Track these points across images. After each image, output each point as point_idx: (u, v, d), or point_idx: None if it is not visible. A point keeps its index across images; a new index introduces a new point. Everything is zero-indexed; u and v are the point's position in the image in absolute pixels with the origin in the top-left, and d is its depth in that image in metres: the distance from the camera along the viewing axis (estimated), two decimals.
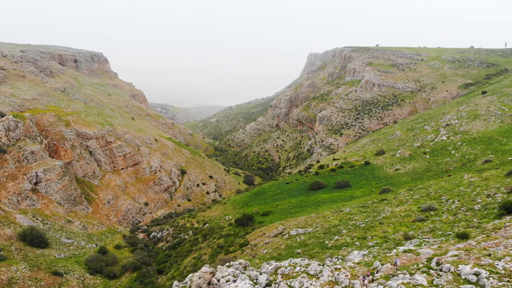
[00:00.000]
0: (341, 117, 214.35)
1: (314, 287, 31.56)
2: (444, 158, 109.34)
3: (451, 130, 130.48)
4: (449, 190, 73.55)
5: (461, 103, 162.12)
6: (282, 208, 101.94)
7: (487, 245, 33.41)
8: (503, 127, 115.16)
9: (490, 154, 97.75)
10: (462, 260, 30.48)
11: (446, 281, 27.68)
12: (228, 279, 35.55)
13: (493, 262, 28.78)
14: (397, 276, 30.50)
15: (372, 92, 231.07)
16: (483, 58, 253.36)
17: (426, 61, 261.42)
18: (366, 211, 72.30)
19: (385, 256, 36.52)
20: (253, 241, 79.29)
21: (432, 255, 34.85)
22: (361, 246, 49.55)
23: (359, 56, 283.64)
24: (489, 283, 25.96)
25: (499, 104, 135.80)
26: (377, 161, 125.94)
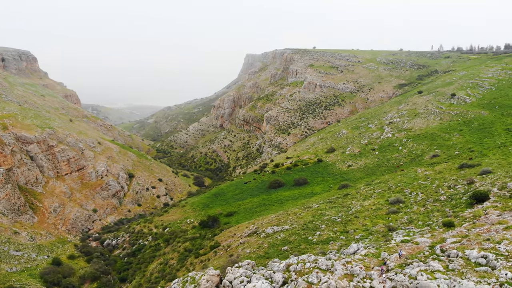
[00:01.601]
0: (287, 117, 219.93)
1: (333, 280, 32.65)
2: (393, 154, 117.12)
3: (395, 127, 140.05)
4: (409, 183, 79.25)
5: (400, 102, 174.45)
6: (246, 208, 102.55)
7: (480, 231, 36.95)
8: (443, 124, 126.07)
9: (436, 149, 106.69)
10: (466, 246, 33.44)
11: (460, 265, 30.27)
12: (242, 279, 35.45)
13: (495, 245, 32.00)
14: (411, 264, 32.64)
15: (315, 93, 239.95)
16: (414, 60, 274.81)
17: (363, 63, 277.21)
18: (335, 206, 75.34)
19: (387, 247, 38.71)
20: (224, 242, 79.06)
21: (432, 243, 37.72)
22: (348, 240, 51.85)
23: (300, 58, 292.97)
24: (499, 264, 28.87)
25: (436, 103, 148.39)
26: (329, 158, 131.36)
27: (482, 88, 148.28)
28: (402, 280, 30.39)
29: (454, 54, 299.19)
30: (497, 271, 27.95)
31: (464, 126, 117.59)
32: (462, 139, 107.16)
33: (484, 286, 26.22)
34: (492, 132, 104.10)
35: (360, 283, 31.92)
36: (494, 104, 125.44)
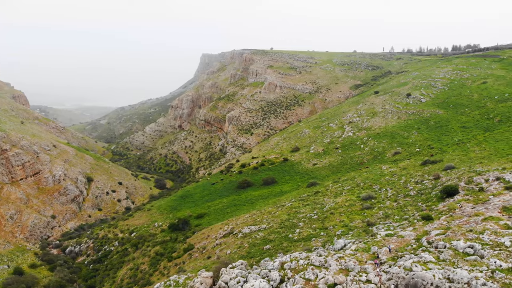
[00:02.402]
0: (249, 117, 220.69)
1: (330, 276, 33.34)
2: (355, 152, 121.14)
3: (355, 126, 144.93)
4: (376, 180, 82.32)
5: (358, 102, 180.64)
6: (216, 209, 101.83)
7: (460, 223, 39.24)
8: (401, 122, 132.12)
9: (397, 146, 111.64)
10: (451, 237, 35.39)
11: (450, 255, 32.03)
12: (238, 280, 35.29)
13: (479, 236, 34.15)
14: (403, 257, 34.09)
15: (275, 93, 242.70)
16: (368, 61, 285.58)
17: (320, 64, 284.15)
18: (308, 204, 76.77)
19: (375, 242, 40.14)
20: (198, 245, 78.16)
21: (417, 236, 39.59)
22: (329, 236, 53.06)
23: (260, 58, 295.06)
24: (486, 253, 30.88)
25: (393, 103, 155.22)
26: (294, 157, 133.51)
27: (435, 88, 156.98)
28: (397, 272, 31.64)
29: (405, 55, 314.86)
30: (486, 260, 29.89)
31: (422, 124, 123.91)
32: (421, 137, 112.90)
33: (477, 274, 27.96)
34: (448, 129, 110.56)
35: (357, 277, 32.83)
36: (448, 103, 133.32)
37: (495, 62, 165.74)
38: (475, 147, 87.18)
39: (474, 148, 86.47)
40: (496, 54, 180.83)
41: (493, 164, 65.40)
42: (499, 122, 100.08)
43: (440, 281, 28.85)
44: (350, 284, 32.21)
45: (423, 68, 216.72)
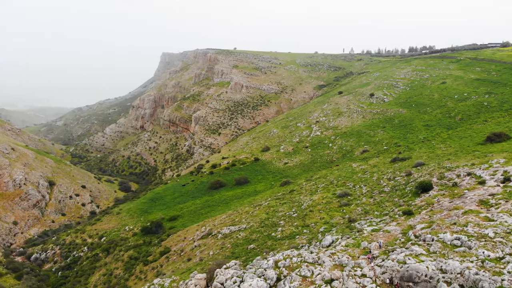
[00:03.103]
0: (216, 117, 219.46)
1: (327, 272, 33.92)
2: (324, 150, 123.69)
3: (322, 126, 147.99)
4: (349, 177, 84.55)
5: (323, 102, 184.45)
6: (189, 211, 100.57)
7: (442, 217, 41.18)
8: (366, 121, 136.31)
9: (364, 145, 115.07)
10: (437, 230, 37.07)
11: (439, 248, 33.55)
12: (235, 280, 35.15)
13: (463, 228, 35.99)
14: (395, 250, 35.30)
15: (242, 93, 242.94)
16: (330, 62, 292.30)
17: (284, 65, 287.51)
18: (285, 202, 77.53)
19: (363, 237, 41.24)
20: (175, 247, 76.90)
21: (402, 230, 41.11)
22: (312, 233, 53.90)
23: (225, 58, 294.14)
24: (473, 244, 32.62)
25: (357, 102, 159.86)
26: (265, 157, 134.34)
27: (397, 88, 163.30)
28: (391, 266, 32.71)
29: (365, 56, 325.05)
30: (474, 250, 31.57)
31: (386, 123, 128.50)
32: (387, 135, 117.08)
33: (468, 264, 29.50)
34: (412, 128, 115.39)
35: (352, 272, 33.61)
36: (411, 102, 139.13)
37: (453, 63, 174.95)
38: (440, 144, 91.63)
39: (439, 145, 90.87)
40: (453, 55, 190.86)
41: (461, 160, 69.08)
42: (461, 120, 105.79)
43: (433, 272, 30.16)
44: (347, 279, 32.95)
45: (383, 69, 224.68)
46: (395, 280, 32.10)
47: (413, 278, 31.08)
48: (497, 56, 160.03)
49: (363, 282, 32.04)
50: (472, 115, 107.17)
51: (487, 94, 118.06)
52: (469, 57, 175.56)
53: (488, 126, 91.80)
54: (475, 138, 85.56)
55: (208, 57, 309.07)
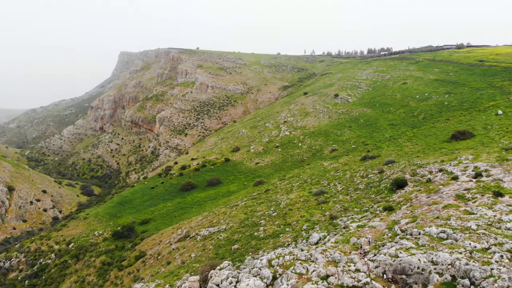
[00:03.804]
0: (182, 118, 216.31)
1: (322, 268, 34.55)
2: (294, 150, 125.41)
3: (291, 126, 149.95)
4: (322, 176, 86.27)
5: (289, 103, 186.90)
6: (161, 214, 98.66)
7: (423, 212, 43.08)
8: (332, 121, 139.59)
9: (333, 144, 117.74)
10: (422, 225, 38.74)
11: (427, 241, 35.12)
12: (231, 280, 34.99)
13: (446, 222, 37.85)
14: (385, 245, 36.53)
15: (207, 94, 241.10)
16: (293, 63, 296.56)
17: (249, 66, 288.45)
18: (263, 202, 77.91)
19: (350, 233, 42.33)
20: (151, 251, 75.22)
21: (387, 225, 42.61)
22: (295, 231, 54.56)
23: (188, 58, 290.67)
24: (459, 236, 34.41)
25: (323, 103, 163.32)
26: (236, 157, 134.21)
27: (360, 89, 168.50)
28: (384, 260, 33.85)
29: (326, 58, 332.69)
30: (461, 242, 33.32)
31: (352, 123, 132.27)
32: (354, 134, 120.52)
33: (458, 255, 31.10)
34: (378, 127, 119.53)
35: (346, 267, 34.46)
36: (374, 102, 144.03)
37: (412, 64, 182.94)
38: (407, 142, 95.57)
39: (406, 143, 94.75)
40: (412, 57, 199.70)
41: (430, 157, 72.46)
42: (424, 119, 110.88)
43: (425, 264, 31.57)
44: (342, 274, 33.74)
45: (345, 70, 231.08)
46: (388, 273, 33.29)
47: (406, 271, 32.38)
48: (453, 58, 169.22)
49: (357, 277, 32.97)
50: (434, 114, 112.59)
51: (447, 94, 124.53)
52: (427, 58, 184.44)
53: (451, 124, 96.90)
54: (440, 136, 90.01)
55: (171, 56, 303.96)
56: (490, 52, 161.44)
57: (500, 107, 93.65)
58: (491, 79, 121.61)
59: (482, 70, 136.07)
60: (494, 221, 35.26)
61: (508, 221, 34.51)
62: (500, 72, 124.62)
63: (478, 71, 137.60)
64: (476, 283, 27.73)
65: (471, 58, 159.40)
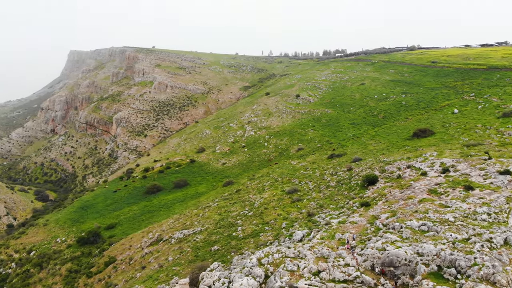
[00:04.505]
0: (141, 119, 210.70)
1: (313, 264, 35.30)
2: (261, 150, 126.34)
3: (255, 126, 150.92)
4: (292, 174, 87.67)
5: (252, 103, 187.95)
6: (128, 218, 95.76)
7: (401, 206, 45.16)
8: (296, 121, 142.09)
9: (298, 143, 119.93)
10: (402, 219, 40.62)
11: (410, 234, 36.92)
12: (223, 281, 34.86)
13: (425, 215, 39.95)
14: (371, 239, 37.96)
15: (167, 93, 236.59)
16: (253, 64, 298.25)
17: (208, 65, 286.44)
18: (236, 202, 77.96)
19: (333, 229, 43.53)
20: (121, 256, 72.94)
21: (368, 220, 44.24)
22: (274, 230, 55.12)
23: (145, 57, 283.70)
24: (439, 228, 36.45)
25: (285, 103, 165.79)
26: (201, 158, 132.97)
27: (320, 90, 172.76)
28: (372, 253, 35.21)
29: (284, 59, 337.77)
30: (442, 234, 35.34)
31: (315, 122, 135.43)
32: (318, 134, 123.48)
33: (442, 246, 33.00)
34: (340, 126, 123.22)
35: (335, 262, 35.47)
36: (335, 103, 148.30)
37: (368, 65, 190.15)
38: (370, 140, 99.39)
39: (370, 141, 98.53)
40: (368, 58, 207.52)
41: (395, 154, 75.87)
42: (384, 118, 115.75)
43: (412, 256, 33.19)
44: (333, 269, 34.70)
45: (304, 71, 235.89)
46: (376, 266, 34.63)
47: (394, 263, 33.88)
48: (407, 59, 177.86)
49: (348, 271, 34.04)
50: (393, 113, 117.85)
51: (403, 94, 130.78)
52: (382, 60, 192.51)
53: (411, 123, 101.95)
54: (401, 134, 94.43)
55: (127, 55, 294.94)
56: (442, 54, 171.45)
57: (456, 106, 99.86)
58: (444, 80, 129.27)
59: (435, 71, 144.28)
60: (469, 213, 37.73)
61: (483, 213, 37.08)
62: (453, 73, 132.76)
63: (431, 72, 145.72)
64: (462, 271, 29.58)
65: (423, 59, 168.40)
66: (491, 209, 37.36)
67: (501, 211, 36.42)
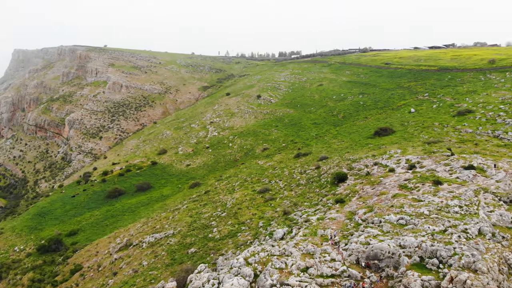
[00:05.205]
0: (95, 120, 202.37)
1: (300, 260, 36.02)
2: (226, 150, 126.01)
3: (218, 126, 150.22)
4: (261, 174, 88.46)
5: (213, 103, 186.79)
6: (90, 223, 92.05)
7: (376, 201, 47.14)
8: (259, 121, 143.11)
9: (263, 143, 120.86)
10: (380, 213, 42.48)
11: (390, 227, 38.74)
12: (213, 283, 34.71)
13: (401, 209, 42.04)
14: (353, 234, 39.35)
15: (122, 94, 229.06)
16: (211, 64, 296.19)
17: (164, 65, 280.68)
18: (206, 203, 77.43)
19: (314, 226, 44.59)
20: (88, 263, 70.12)
21: (346, 216, 45.76)
22: (251, 229, 55.45)
23: (98, 56, 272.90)
24: (417, 221, 38.54)
25: (247, 104, 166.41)
26: (163, 160, 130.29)
27: (280, 90, 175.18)
28: (356, 248, 36.56)
29: (242, 60, 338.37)
30: (421, 226, 37.39)
31: (278, 122, 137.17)
32: (281, 133, 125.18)
33: (422, 238, 34.91)
34: (302, 126, 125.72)
35: (322, 258, 36.48)
36: (295, 103, 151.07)
37: (325, 67, 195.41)
38: (333, 139, 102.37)
39: (333, 140, 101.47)
40: (324, 60, 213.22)
41: (359, 152, 78.83)
42: (344, 118, 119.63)
43: (395, 249, 34.89)
44: (320, 265, 35.68)
45: (263, 72, 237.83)
46: (361, 260, 36.01)
47: (378, 256, 35.44)
48: (362, 61, 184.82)
49: (335, 266, 35.18)
50: (352, 113, 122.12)
51: (360, 94, 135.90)
52: (338, 61, 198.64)
53: (370, 122, 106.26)
54: (362, 133, 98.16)
55: (78, 54, 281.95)
56: (394, 56, 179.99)
57: (411, 105, 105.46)
58: (398, 80, 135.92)
59: (389, 72, 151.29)
60: (442, 206, 40.23)
61: (455, 206, 39.69)
62: (406, 74, 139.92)
63: (385, 73, 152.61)
64: (444, 261, 31.52)
65: (377, 61, 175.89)
66: (462, 202, 40.07)
67: (471, 204, 39.16)
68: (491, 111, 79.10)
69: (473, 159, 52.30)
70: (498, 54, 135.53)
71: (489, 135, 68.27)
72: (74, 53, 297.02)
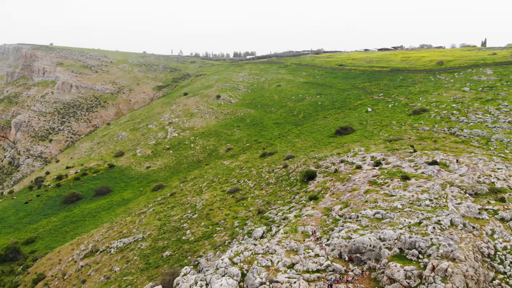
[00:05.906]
0: (43, 122, 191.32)
1: (286, 258, 36.78)
2: (188, 151, 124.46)
3: (178, 127, 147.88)
4: (228, 174, 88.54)
5: (170, 104, 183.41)
6: (48, 230, 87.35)
7: (350, 197, 49.02)
8: (220, 122, 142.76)
9: (226, 143, 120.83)
10: (356, 209, 44.30)
11: (368, 222, 40.62)
12: (201, 284, 34.56)
13: (375, 204, 44.10)
14: (334, 229, 40.81)
15: (72, 94, 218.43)
16: (165, 63, 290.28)
17: (116, 64, 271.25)
18: (174, 205, 76.25)
19: (292, 223, 45.62)
20: (51, 272, 66.68)
21: (322, 213, 47.22)
22: (227, 230, 55.51)
23: (45, 55, 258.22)
24: (392, 215, 40.68)
25: (206, 104, 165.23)
26: (121, 163, 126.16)
27: (239, 91, 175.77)
28: (339, 243, 38.02)
29: (197, 59, 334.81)
30: (397, 220, 39.54)
31: (240, 122, 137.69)
32: (244, 133, 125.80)
33: (400, 230, 36.99)
34: (264, 126, 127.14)
35: (306, 254, 37.58)
36: (255, 103, 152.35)
37: (281, 68, 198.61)
38: (296, 139, 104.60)
39: (296, 139, 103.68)
40: (280, 61, 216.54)
41: (324, 151, 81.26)
42: (304, 118, 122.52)
43: (375, 242, 36.68)
44: (305, 260, 36.72)
45: (219, 72, 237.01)
46: (343, 254, 37.48)
47: (360, 250, 37.07)
48: (316, 62, 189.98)
49: (319, 261, 36.37)
50: (312, 113, 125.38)
51: (318, 95, 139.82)
52: (294, 63, 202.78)
53: (330, 121, 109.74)
54: (324, 132, 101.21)
55: (23, 53, 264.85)
56: (347, 57, 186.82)
57: (368, 105, 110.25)
58: (353, 81, 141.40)
59: (344, 73, 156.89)
60: (414, 200, 42.78)
61: (425, 199, 42.35)
62: (360, 75, 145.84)
63: (340, 74, 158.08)
64: (423, 251, 33.60)
65: (331, 62, 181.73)
66: (431, 195, 42.84)
67: (440, 197, 41.99)
68: (445, 109, 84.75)
69: (435, 155, 55.99)
70: (444, 55, 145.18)
71: (446, 132, 73.32)
72: (18, 52, 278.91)
